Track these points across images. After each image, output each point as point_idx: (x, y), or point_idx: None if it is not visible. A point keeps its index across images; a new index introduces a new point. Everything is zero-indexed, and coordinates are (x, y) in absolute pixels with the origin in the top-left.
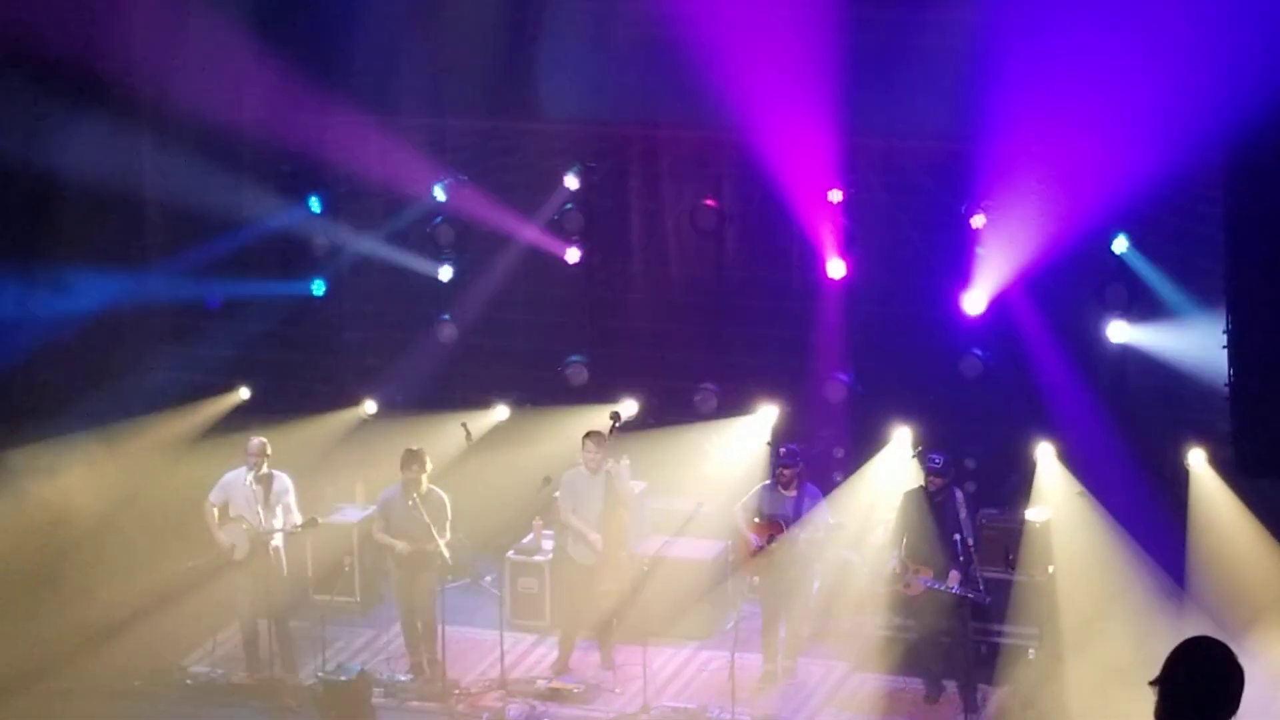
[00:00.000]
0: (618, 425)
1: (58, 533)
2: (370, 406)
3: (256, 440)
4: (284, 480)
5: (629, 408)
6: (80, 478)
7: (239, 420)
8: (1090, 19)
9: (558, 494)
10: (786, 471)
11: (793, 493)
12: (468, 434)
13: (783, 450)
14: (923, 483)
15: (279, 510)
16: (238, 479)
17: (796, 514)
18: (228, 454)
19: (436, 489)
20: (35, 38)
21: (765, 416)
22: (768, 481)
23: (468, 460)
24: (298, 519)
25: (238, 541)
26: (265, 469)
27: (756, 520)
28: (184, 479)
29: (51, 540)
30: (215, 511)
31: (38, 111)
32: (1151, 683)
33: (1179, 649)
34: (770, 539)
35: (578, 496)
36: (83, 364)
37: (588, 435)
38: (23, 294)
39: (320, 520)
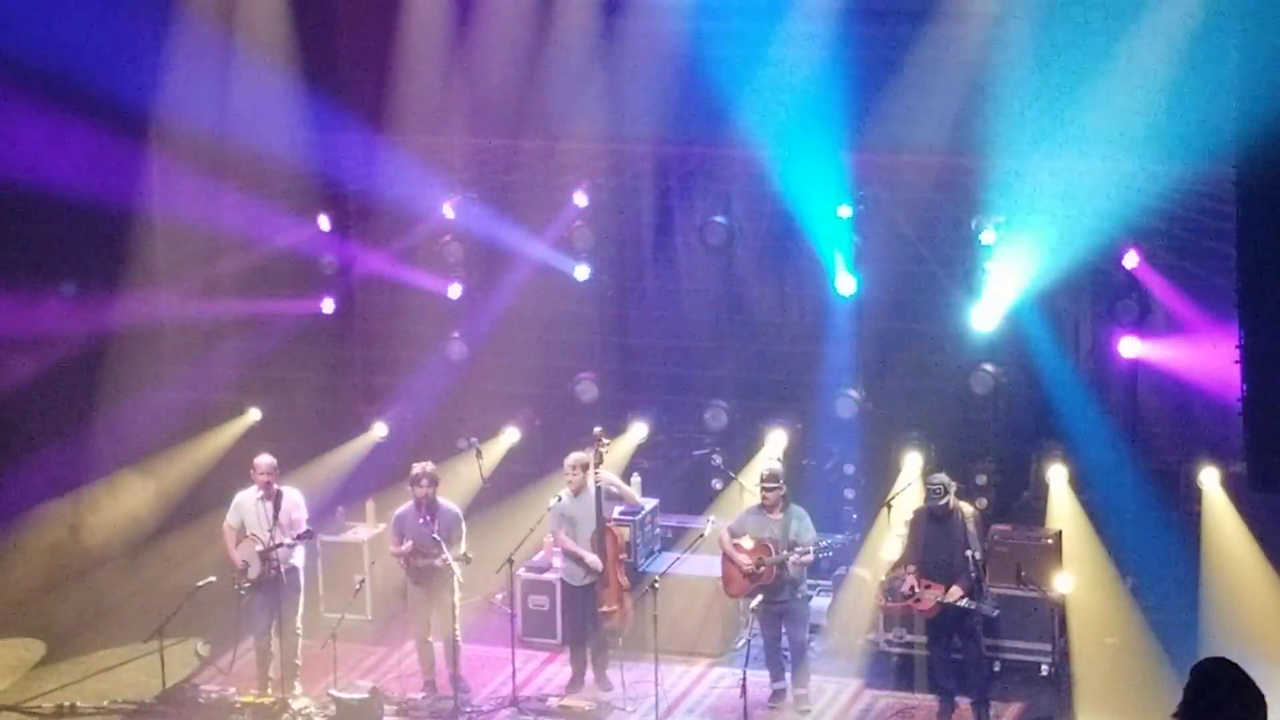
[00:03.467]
0: (604, 444)
1: (75, 554)
2: (381, 430)
3: (265, 459)
4: (294, 496)
5: (639, 431)
6: (98, 503)
7: (250, 440)
8: (1099, 32)
9: (550, 523)
10: (770, 495)
11: (778, 515)
12: (478, 452)
13: (764, 473)
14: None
15: (289, 526)
16: (248, 499)
17: (784, 536)
18: (240, 474)
19: (449, 504)
20: (45, 56)
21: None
22: (754, 505)
23: (478, 477)
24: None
25: (251, 560)
26: (274, 487)
27: (745, 544)
28: (199, 500)
29: (68, 562)
30: (232, 534)
31: (44, 128)
32: (1174, 715)
33: (1195, 676)
34: (759, 563)
35: (570, 521)
36: (90, 384)
37: (567, 459)
38: (31, 313)
39: (315, 532)
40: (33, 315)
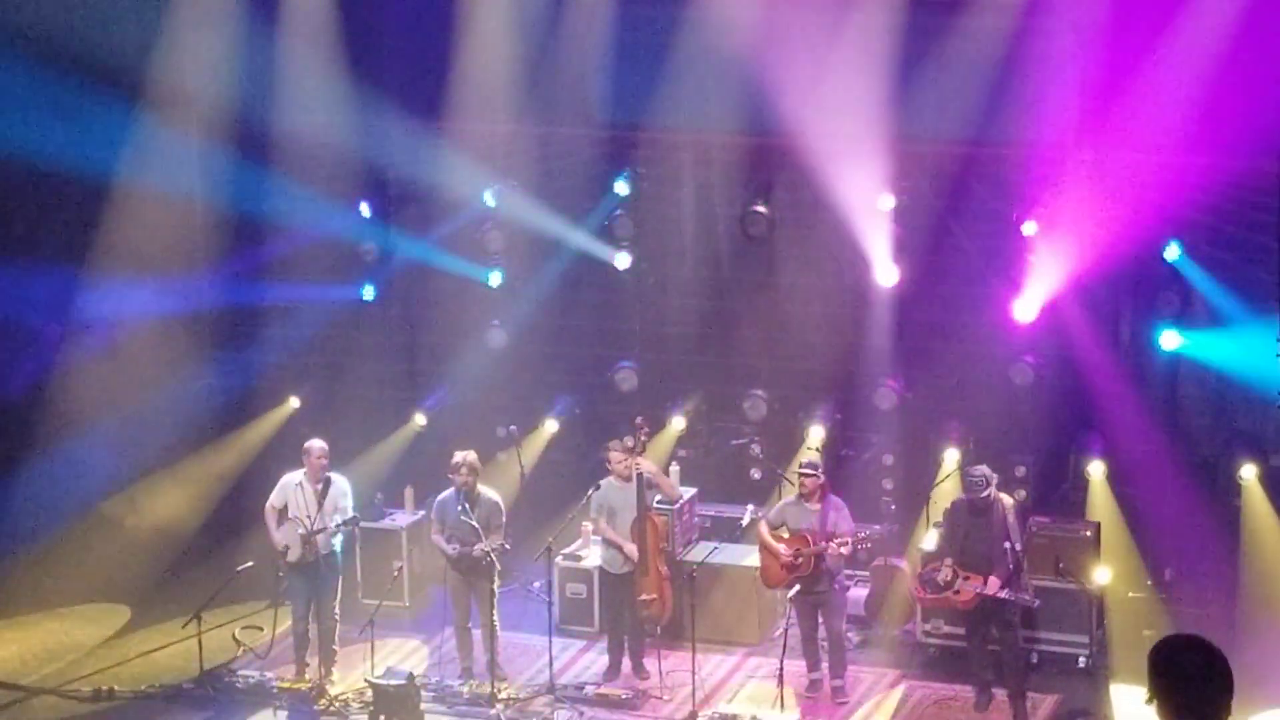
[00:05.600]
0: (645, 432)
1: (116, 541)
2: (421, 419)
3: (318, 443)
4: (343, 484)
5: (678, 422)
6: (136, 495)
7: (291, 427)
8: (1143, 23)
9: (590, 510)
10: (808, 482)
11: (816, 505)
12: (516, 440)
13: (803, 461)
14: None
15: (335, 514)
16: (293, 481)
17: (822, 527)
18: (284, 460)
19: (489, 492)
20: (86, 43)
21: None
22: (792, 496)
23: (517, 465)
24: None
25: (291, 543)
26: (324, 472)
27: (783, 535)
28: (239, 489)
29: (110, 553)
30: (275, 514)
31: (88, 116)
32: (1146, 702)
33: (1154, 659)
34: (797, 554)
35: (612, 506)
36: (131, 370)
37: (610, 445)
38: (73, 300)
39: (359, 518)
40: (74, 300)
